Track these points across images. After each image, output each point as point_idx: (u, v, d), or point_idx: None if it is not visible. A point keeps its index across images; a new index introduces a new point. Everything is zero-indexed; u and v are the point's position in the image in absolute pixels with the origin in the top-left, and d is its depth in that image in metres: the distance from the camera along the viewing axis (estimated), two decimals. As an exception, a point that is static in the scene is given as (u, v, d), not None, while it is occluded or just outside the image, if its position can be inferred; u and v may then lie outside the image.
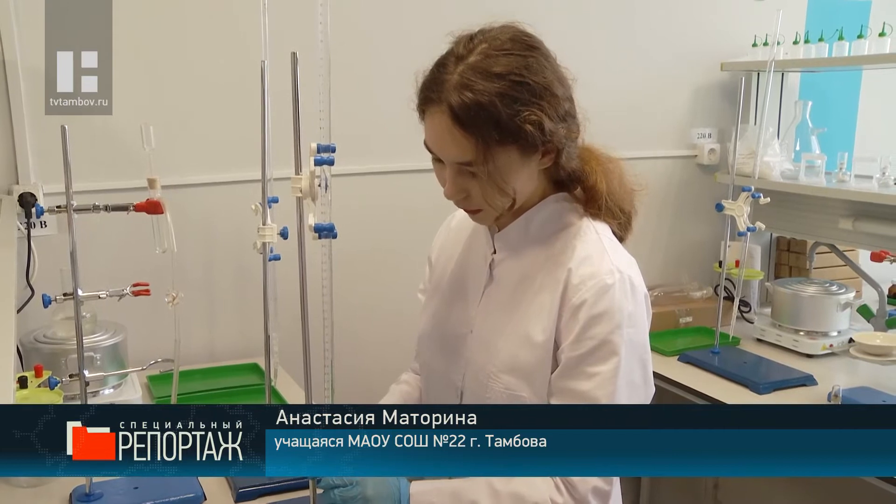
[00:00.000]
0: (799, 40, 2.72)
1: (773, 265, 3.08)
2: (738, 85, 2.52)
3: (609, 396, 1.17)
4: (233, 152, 2.28)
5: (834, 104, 3.11)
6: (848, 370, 2.38)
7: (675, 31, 2.85)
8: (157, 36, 2.15)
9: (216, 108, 2.25)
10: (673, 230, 2.94)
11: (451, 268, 1.39)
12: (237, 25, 2.19)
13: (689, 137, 2.95)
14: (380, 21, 2.43)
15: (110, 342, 1.92)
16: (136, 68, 2.10)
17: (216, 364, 2.27)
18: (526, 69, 1.13)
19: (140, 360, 1.96)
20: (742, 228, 2.35)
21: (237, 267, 2.32)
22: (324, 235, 1.17)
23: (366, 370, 2.07)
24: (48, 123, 1.67)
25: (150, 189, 1.49)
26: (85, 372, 1.45)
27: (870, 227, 2.55)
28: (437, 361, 1.38)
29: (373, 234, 2.46)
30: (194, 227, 2.20)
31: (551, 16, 2.47)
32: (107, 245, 2.09)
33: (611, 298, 1.17)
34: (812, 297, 2.49)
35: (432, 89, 1.15)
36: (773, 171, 2.71)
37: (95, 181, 2.03)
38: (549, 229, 1.26)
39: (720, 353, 2.45)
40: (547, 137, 1.14)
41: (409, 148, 2.40)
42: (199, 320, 2.31)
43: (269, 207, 1.65)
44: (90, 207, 1.44)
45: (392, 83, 2.35)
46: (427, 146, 1.20)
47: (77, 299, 1.43)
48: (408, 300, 1.67)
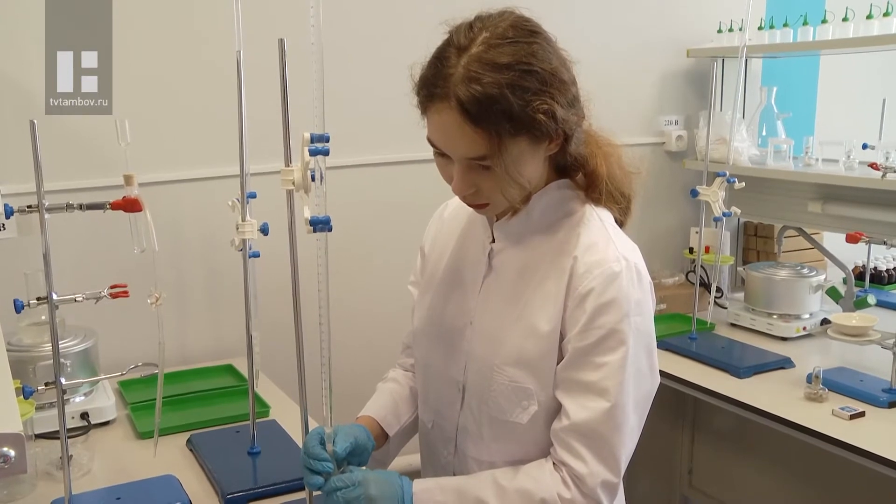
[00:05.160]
0: (763, 26, 2.74)
1: (742, 250, 3.11)
2: (710, 71, 2.53)
3: (617, 386, 1.15)
4: (200, 148, 2.21)
5: (795, 89, 3.15)
6: (822, 351, 2.41)
7: (641, 19, 2.84)
8: (129, 26, 2.06)
9: (184, 102, 2.18)
10: (643, 218, 2.89)
11: (446, 259, 1.36)
12: (218, 14, 2.12)
13: (656, 124, 2.95)
14: (371, 8, 2.38)
15: (80, 347, 1.85)
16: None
17: (189, 367, 2.20)
18: (532, 56, 1.09)
19: (110, 364, 1.89)
20: (717, 214, 2.36)
21: (208, 265, 2.26)
22: (319, 229, 1.13)
23: (353, 368, 2.02)
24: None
25: (127, 186, 1.41)
26: (62, 380, 1.38)
27: (838, 210, 2.58)
28: (434, 356, 1.34)
29: (362, 227, 2.43)
30: (162, 225, 2.12)
31: (514, 2, 2.45)
32: (69, 247, 2.00)
33: (618, 286, 1.15)
34: (784, 280, 2.51)
35: (436, 84, 1.10)
36: (742, 156, 2.73)
37: (57, 180, 1.94)
38: (552, 217, 1.23)
39: (697, 339, 2.46)
40: (559, 125, 1.11)
41: (394, 139, 2.39)
42: (170, 321, 2.23)
43: (247, 203, 1.60)
44: (63, 207, 1.37)
45: (382, 72, 2.34)
46: (431, 142, 1.16)
47: (52, 303, 1.36)
48: (397, 294, 1.63)
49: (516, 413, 1.22)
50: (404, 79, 1.18)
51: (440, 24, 1.16)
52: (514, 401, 1.21)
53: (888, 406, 1.99)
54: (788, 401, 2.07)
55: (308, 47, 1.08)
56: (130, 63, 2.05)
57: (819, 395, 2.03)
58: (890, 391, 2.01)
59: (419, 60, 1.16)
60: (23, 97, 1.95)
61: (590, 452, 1.15)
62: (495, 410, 1.24)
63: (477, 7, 1.17)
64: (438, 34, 1.16)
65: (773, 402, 2.06)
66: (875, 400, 2.00)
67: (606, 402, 1.14)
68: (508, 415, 1.23)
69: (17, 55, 1.97)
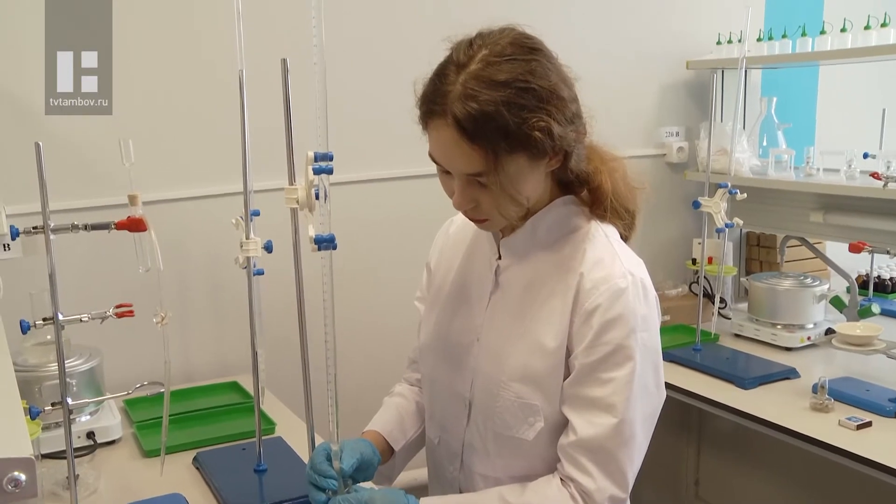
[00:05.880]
0: (762, 37, 2.75)
1: (744, 260, 3.11)
2: (710, 82, 2.54)
3: (625, 402, 1.15)
4: (203, 166, 2.22)
5: (794, 99, 3.16)
6: (827, 361, 2.40)
7: (640, 31, 2.86)
8: (133, 48, 2.07)
9: (188, 119, 2.19)
10: (646, 229, 2.90)
11: (453, 275, 1.36)
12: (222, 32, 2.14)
13: (657, 136, 2.96)
14: (373, 25, 2.39)
15: (86, 367, 1.84)
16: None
17: (193, 384, 2.20)
18: (530, 74, 1.09)
19: (116, 383, 1.89)
20: (720, 225, 2.36)
21: (212, 283, 2.26)
22: (324, 247, 1.13)
23: (359, 383, 2.01)
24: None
25: (132, 206, 1.42)
26: (68, 400, 1.38)
27: (840, 220, 2.58)
28: (441, 372, 1.34)
29: (366, 243, 2.43)
30: (166, 243, 2.13)
31: (514, 17, 2.46)
32: (74, 267, 2.01)
33: (625, 302, 1.15)
34: (788, 290, 2.51)
35: (435, 101, 1.11)
36: (743, 166, 2.73)
37: (62, 200, 1.95)
38: (557, 233, 1.23)
39: (702, 350, 2.46)
40: (556, 142, 1.11)
41: (399, 153, 2.39)
42: (174, 339, 2.23)
43: (251, 221, 1.61)
44: (69, 227, 1.37)
45: (383, 88, 2.34)
46: (432, 157, 1.16)
47: (58, 324, 1.36)
48: (403, 310, 1.63)
49: (522, 429, 1.22)
50: (408, 94, 1.18)
51: (442, 40, 1.17)
52: (521, 417, 1.21)
53: (895, 415, 1.98)
54: (794, 411, 2.06)
55: (311, 64, 1.09)
56: (135, 83, 2.06)
57: (825, 405, 2.03)
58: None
59: (423, 76, 1.17)
60: (27, 118, 1.96)
61: (597, 468, 1.15)
62: (501, 426, 1.24)
63: (479, 23, 1.17)
64: (441, 50, 1.16)
65: (779, 413, 2.05)
66: (882, 409, 2.00)
67: (614, 418, 1.14)
68: (514, 431, 1.23)
69: (22, 77, 1.98)
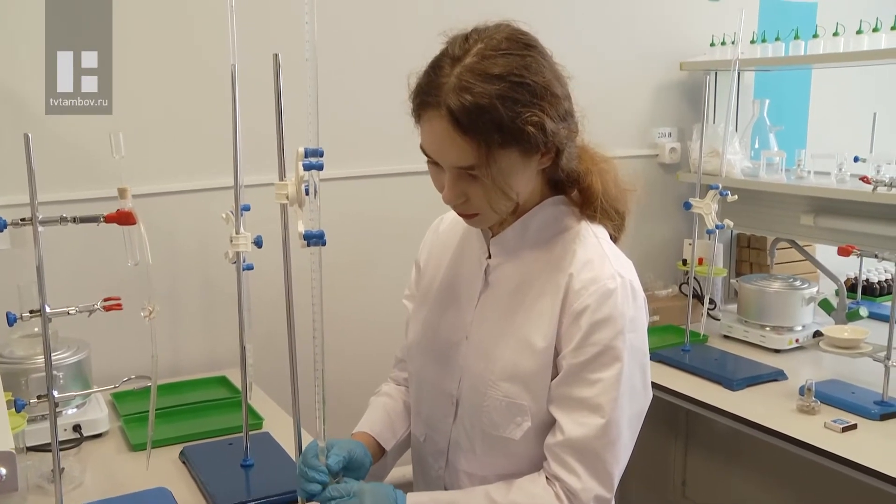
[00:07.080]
0: (755, 39, 2.75)
1: (734, 262, 3.12)
2: (703, 84, 2.54)
3: (612, 403, 1.15)
4: (194, 160, 2.21)
5: (787, 102, 3.17)
6: (814, 363, 2.41)
7: (634, 32, 2.86)
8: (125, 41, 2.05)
9: (179, 113, 2.18)
10: (637, 230, 2.90)
11: (442, 273, 1.36)
12: (214, 26, 2.13)
13: (649, 137, 2.96)
14: (366, 21, 2.38)
15: (73, 359, 1.84)
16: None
17: (181, 378, 2.19)
18: (525, 69, 1.10)
19: (103, 376, 1.88)
20: (710, 226, 2.36)
21: (202, 277, 2.25)
22: (313, 243, 1.13)
23: (347, 380, 2.01)
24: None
25: (121, 199, 1.41)
26: (54, 393, 1.37)
27: (830, 223, 2.59)
28: (429, 370, 1.34)
29: (355, 239, 2.42)
30: (155, 237, 2.12)
31: (508, 16, 2.46)
32: (63, 259, 2.00)
33: (613, 304, 1.15)
34: (777, 292, 2.52)
35: (429, 93, 1.11)
36: (735, 168, 2.74)
37: (51, 192, 1.94)
38: (547, 233, 1.24)
39: (690, 351, 2.47)
40: (549, 138, 1.12)
41: (389, 150, 2.39)
42: (163, 333, 2.22)
43: (241, 215, 1.60)
44: (57, 220, 1.36)
45: (375, 85, 2.34)
46: (423, 150, 1.16)
47: (45, 316, 1.35)
48: (392, 307, 1.62)
49: (509, 429, 1.22)
50: (400, 90, 1.18)
51: (437, 35, 1.17)
52: (508, 416, 1.21)
53: (880, 418, 1.99)
54: (781, 413, 2.07)
55: (303, 60, 1.08)
56: (127, 74, 2.04)
57: (811, 407, 2.04)
58: (882, 404, 2.02)
59: (416, 70, 1.17)
60: (16, 108, 1.95)
61: (583, 468, 1.16)
62: (488, 425, 1.24)
63: (474, 19, 1.18)
64: (435, 46, 1.17)
65: (766, 415, 2.06)
66: (867, 412, 2.01)
67: (601, 419, 1.15)
68: (501, 430, 1.23)
69: (11, 66, 1.97)
